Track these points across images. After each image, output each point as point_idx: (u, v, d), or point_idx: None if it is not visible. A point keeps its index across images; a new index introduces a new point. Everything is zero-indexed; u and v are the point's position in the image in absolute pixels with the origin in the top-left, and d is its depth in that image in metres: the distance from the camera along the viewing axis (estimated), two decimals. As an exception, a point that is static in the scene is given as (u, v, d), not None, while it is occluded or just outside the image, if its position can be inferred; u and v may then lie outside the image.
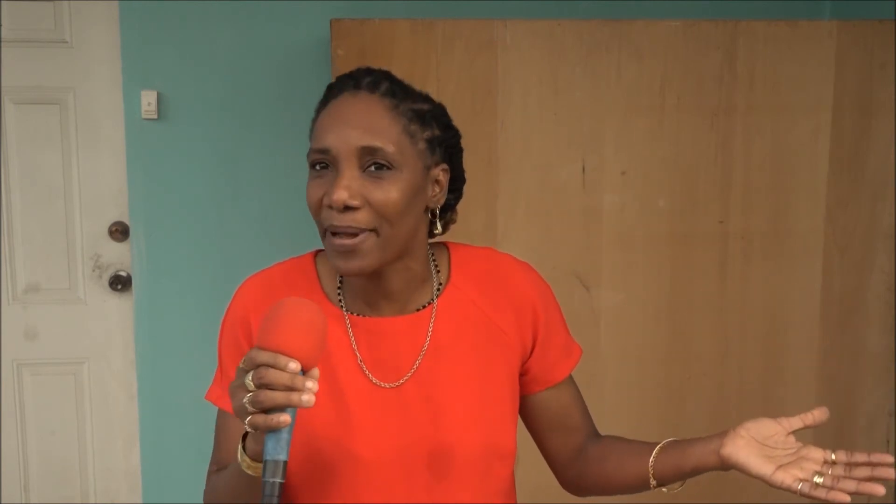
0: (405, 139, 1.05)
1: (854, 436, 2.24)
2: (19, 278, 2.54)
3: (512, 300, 1.16)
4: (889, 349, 2.22)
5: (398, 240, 1.05)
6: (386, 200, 1.02)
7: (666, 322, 2.15)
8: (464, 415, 1.11)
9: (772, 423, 1.04)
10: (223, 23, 2.43)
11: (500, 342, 1.15)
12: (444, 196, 1.12)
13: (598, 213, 2.09)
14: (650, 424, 2.16)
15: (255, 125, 2.48)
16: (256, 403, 0.88)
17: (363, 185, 1.02)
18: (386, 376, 1.11)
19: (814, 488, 0.97)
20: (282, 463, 0.89)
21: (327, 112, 1.07)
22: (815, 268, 2.17)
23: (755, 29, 2.08)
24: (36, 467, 2.61)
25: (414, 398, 1.11)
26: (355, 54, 1.97)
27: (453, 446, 1.10)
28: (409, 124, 1.06)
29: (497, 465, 1.14)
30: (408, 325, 1.12)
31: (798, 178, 2.14)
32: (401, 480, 1.10)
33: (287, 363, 0.88)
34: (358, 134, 1.02)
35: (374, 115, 1.04)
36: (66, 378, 2.59)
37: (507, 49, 2.02)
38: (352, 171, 1.02)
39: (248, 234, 2.52)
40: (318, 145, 1.04)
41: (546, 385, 1.20)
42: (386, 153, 1.02)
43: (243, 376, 0.91)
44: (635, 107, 2.07)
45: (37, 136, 2.48)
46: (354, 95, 1.06)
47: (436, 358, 1.12)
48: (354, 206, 1.01)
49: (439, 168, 1.10)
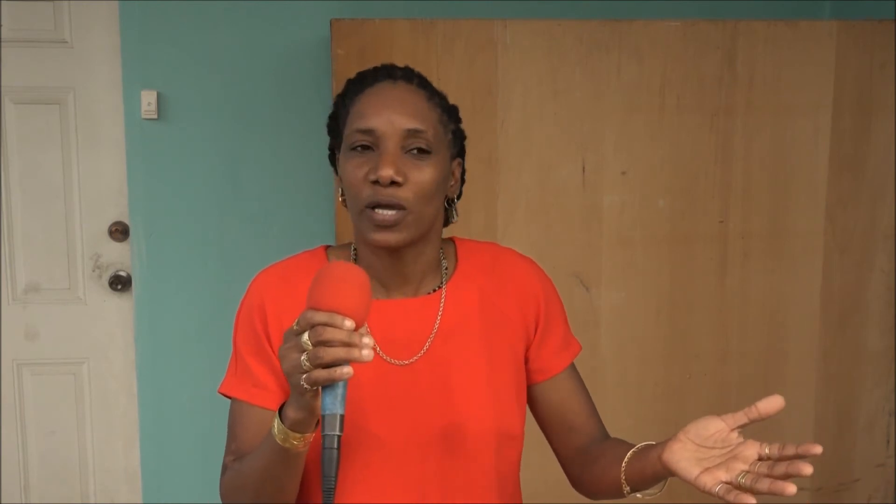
0: (440, 127, 1.13)
1: (854, 436, 2.24)
2: (19, 278, 2.54)
3: (516, 288, 1.21)
4: (889, 349, 2.22)
5: (426, 220, 1.12)
6: (423, 181, 1.09)
7: (666, 322, 2.15)
8: (474, 395, 1.15)
9: (715, 421, 1.01)
10: (223, 23, 2.43)
11: (506, 328, 1.20)
12: (458, 188, 1.20)
13: (598, 213, 2.09)
14: (650, 424, 2.16)
15: (255, 125, 2.48)
16: (316, 360, 0.93)
17: (405, 164, 1.09)
18: (398, 355, 1.15)
19: (729, 492, 0.93)
20: (339, 416, 0.94)
21: (368, 96, 1.12)
22: (815, 268, 2.17)
23: (755, 29, 2.08)
24: (36, 467, 2.61)
25: (425, 377, 1.14)
26: (355, 54, 1.97)
27: (465, 425, 1.14)
28: (442, 114, 1.15)
29: (506, 447, 1.18)
30: (419, 307, 1.17)
31: (798, 178, 2.14)
32: (414, 460, 1.13)
33: (343, 321, 0.93)
34: (404, 118, 1.09)
35: (417, 102, 1.12)
36: (66, 378, 2.59)
37: (507, 49, 2.02)
38: (396, 150, 1.09)
39: (248, 234, 2.52)
40: (363, 126, 1.10)
41: (546, 375, 1.23)
42: (427, 137, 1.10)
43: (295, 338, 0.95)
44: (635, 107, 2.07)
45: (37, 135, 2.48)
46: (394, 84, 1.13)
47: (445, 340, 1.16)
48: (399, 182, 1.07)
49: (457, 161, 1.19)
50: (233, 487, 1.14)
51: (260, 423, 1.14)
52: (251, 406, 1.15)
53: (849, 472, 2.26)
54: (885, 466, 2.27)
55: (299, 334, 0.95)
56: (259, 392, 1.15)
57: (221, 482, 1.17)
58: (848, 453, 2.25)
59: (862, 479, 2.26)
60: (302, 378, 0.94)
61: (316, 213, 2.45)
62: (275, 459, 1.04)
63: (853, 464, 2.26)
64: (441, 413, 1.14)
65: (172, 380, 2.55)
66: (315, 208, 2.46)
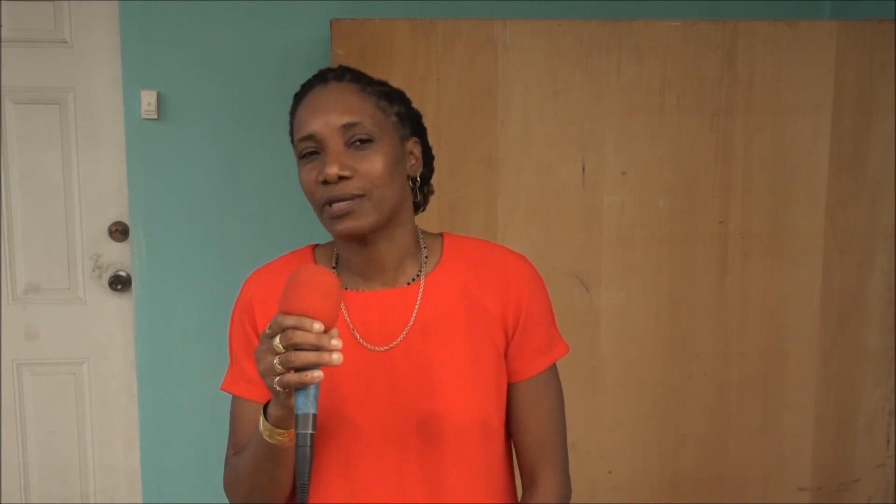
0: (378, 113, 1.15)
1: (854, 436, 2.24)
2: (19, 278, 2.54)
3: (500, 285, 1.22)
4: (889, 349, 2.22)
5: (388, 202, 1.14)
6: (372, 169, 1.12)
7: (666, 322, 2.15)
8: (453, 385, 1.16)
9: None
10: (223, 23, 2.43)
11: (487, 323, 1.20)
12: (420, 166, 1.23)
13: (598, 213, 2.09)
14: (650, 424, 2.16)
15: (255, 125, 2.48)
16: (287, 363, 0.96)
17: (350, 158, 1.12)
18: (375, 341, 1.17)
19: None
20: (311, 415, 0.97)
21: (304, 105, 1.16)
22: (815, 268, 2.17)
23: (755, 29, 2.08)
24: (36, 467, 2.61)
25: (403, 364, 1.16)
26: (355, 54, 1.97)
27: (442, 414, 1.15)
28: (379, 100, 1.17)
29: (488, 439, 1.19)
30: (397, 297, 1.19)
31: (798, 178, 2.14)
32: (393, 449, 1.15)
33: (312, 324, 0.96)
34: (337, 115, 1.12)
35: (347, 97, 1.14)
36: (66, 378, 2.59)
37: (507, 49, 2.02)
38: (338, 147, 1.12)
39: (248, 234, 2.52)
40: (302, 133, 1.14)
41: (520, 377, 1.23)
42: (365, 126, 1.13)
43: (269, 341, 0.98)
44: (635, 107, 2.07)
45: (37, 135, 2.48)
46: (324, 86, 1.17)
47: (423, 330, 1.17)
48: (346, 176, 1.11)
49: (412, 140, 1.21)
50: (231, 481, 1.20)
51: (254, 418, 1.18)
52: (246, 401, 1.20)
53: (849, 472, 2.26)
54: (885, 466, 2.27)
55: (272, 337, 0.98)
56: (252, 388, 1.19)
57: (224, 476, 1.22)
58: (848, 453, 2.25)
59: (862, 479, 2.26)
60: (275, 381, 0.98)
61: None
62: (264, 454, 1.09)
63: (853, 464, 2.25)
64: (418, 401, 1.15)
65: (172, 380, 2.55)
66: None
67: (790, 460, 2.22)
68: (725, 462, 2.20)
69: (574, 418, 1.31)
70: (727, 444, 2.20)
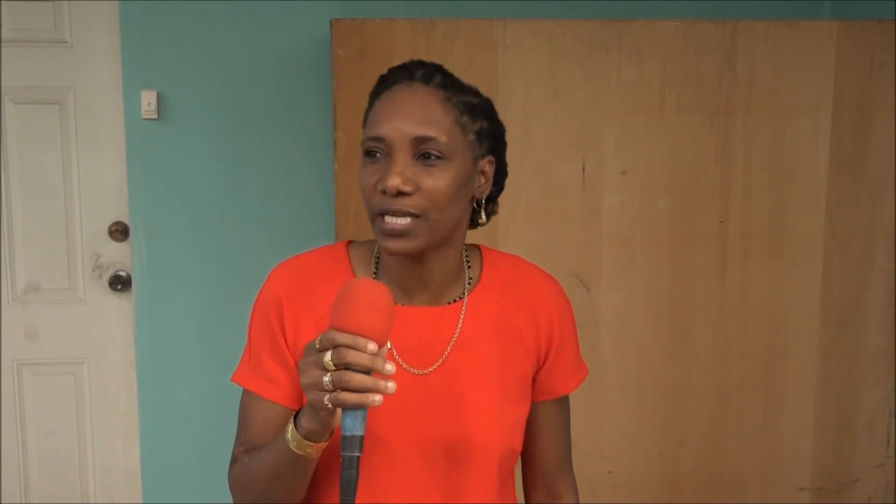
0: (456, 130, 1.09)
1: (854, 436, 2.24)
2: (19, 278, 2.54)
3: (534, 308, 1.20)
4: (889, 349, 2.22)
5: (445, 225, 1.09)
6: (436, 188, 1.06)
7: (666, 322, 2.15)
8: (485, 410, 1.14)
9: None
10: (223, 23, 2.43)
11: (520, 346, 1.19)
12: (489, 187, 1.16)
13: (598, 213, 2.09)
14: (650, 424, 2.16)
15: (255, 125, 2.48)
16: (340, 383, 0.93)
17: (415, 173, 1.06)
18: (413, 363, 1.14)
19: None
20: (359, 438, 0.94)
21: (382, 102, 1.10)
22: (815, 268, 2.17)
23: (755, 29, 2.08)
24: (36, 467, 2.61)
25: (439, 388, 1.14)
26: (355, 54, 1.97)
27: (473, 439, 1.13)
28: (461, 116, 1.10)
29: (508, 460, 1.18)
30: (438, 317, 1.15)
31: (798, 178, 2.14)
32: (420, 468, 1.13)
33: (366, 344, 0.93)
34: (412, 124, 1.06)
35: (428, 106, 1.08)
36: (66, 378, 2.59)
37: (507, 49, 2.02)
38: (405, 158, 1.06)
39: (248, 234, 2.52)
40: (373, 133, 1.08)
41: (549, 396, 1.23)
42: (438, 143, 1.06)
43: (317, 355, 0.95)
44: (635, 107, 2.07)
45: (37, 135, 2.48)
46: (409, 87, 1.10)
47: (462, 352, 1.15)
48: (407, 192, 1.05)
49: (486, 160, 1.14)
50: (241, 482, 1.15)
51: (269, 418, 1.14)
52: (262, 400, 1.15)
53: (849, 472, 2.26)
54: (885, 466, 2.27)
55: (321, 352, 0.95)
56: (270, 387, 1.15)
57: (230, 473, 1.18)
58: (848, 453, 2.25)
59: (862, 479, 2.26)
60: (325, 397, 0.94)
61: (316, 213, 2.45)
62: (286, 462, 1.05)
63: (853, 464, 2.26)
64: (450, 425, 1.13)
65: (172, 380, 2.55)
66: (315, 208, 2.45)
67: (790, 460, 2.22)
68: (725, 462, 2.20)
69: (574, 418, 1.31)
70: (727, 445, 2.20)
